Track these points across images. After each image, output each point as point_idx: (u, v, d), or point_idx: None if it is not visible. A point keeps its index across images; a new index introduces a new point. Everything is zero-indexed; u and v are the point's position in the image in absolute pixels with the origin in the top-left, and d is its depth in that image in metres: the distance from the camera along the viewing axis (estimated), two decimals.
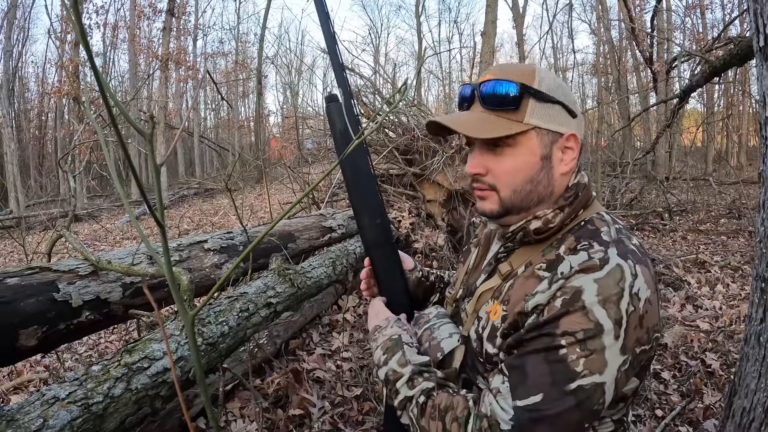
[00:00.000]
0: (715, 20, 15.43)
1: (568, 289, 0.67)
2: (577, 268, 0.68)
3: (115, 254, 1.86)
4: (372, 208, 0.98)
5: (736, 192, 7.69)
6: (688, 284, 3.53)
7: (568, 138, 0.78)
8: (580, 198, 0.79)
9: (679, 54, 8.16)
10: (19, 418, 1.00)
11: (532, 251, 0.79)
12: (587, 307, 0.65)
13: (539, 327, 0.68)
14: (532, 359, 0.67)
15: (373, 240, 1.00)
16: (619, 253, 0.69)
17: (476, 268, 0.92)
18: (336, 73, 0.96)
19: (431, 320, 0.92)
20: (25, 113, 19.07)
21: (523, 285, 0.75)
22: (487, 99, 0.77)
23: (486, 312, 0.80)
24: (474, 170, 0.80)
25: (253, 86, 20.85)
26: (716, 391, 2.10)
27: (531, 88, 0.75)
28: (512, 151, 0.76)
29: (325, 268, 2.50)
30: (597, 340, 0.64)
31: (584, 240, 0.73)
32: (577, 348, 0.65)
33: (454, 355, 0.84)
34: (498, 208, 0.79)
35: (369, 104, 4.88)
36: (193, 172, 19.56)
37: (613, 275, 0.67)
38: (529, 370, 0.67)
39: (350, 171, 0.98)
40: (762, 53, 1.15)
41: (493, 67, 0.81)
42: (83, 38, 0.34)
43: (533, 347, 0.68)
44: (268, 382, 2.06)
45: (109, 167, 0.46)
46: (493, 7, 7.89)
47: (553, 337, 0.66)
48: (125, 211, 10.02)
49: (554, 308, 0.67)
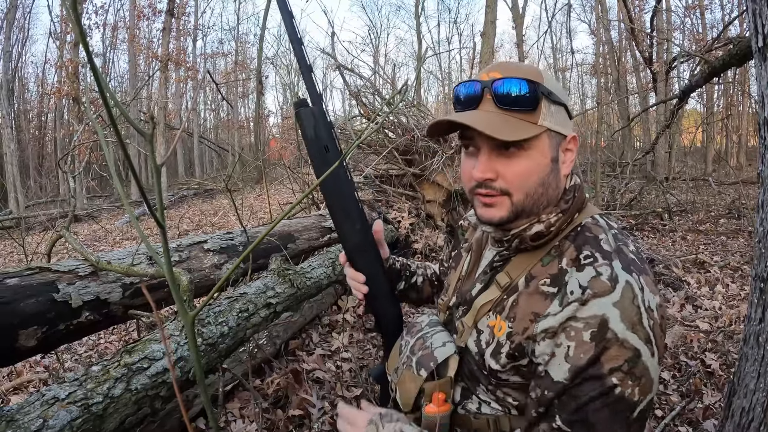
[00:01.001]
0: (714, 20, 15.47)
1: (591, 320, 0.66)
2: (591, 292, 0.67)
3: (115, 255, 1.86)
4: (352, 214, 0.95)
5: (735, 192, 7.70)
6: (687, 284, 3.53)
7: (571, 140, 0.78)
8: (576, 200, 0.78)
9: (679, 54, 8.17)
10: (19, 418, 1.00)
11: (529, 259, 0.78)
12: (620, 337, 0.65)
13: (582, 371, 0.66)
14: (593, 408, 0.66)
15: (354, 246, 0.97)
16: (623, 267, 0.69)
17: (469, 276, 0.91)
18: (304, 76, 0.90)
19: (423, 329, 0.90)
20: (24, 114, 19.08)
21: (529, 302, 0.74)
22: (503, 98, 0.73)
23: (488, 326, 0.79)
24: (485, 175, 0.74)
25: (252, 87, 20.85)
26: (716, 391, 2.10)
27: (545, 89, 0.74)
28: (525, 154, 0.73)
29: (324, 269, 2.50)
30: (640, 363, 0.66)
31: (585, 250, 0.73)
32: (628, 380, 0.65)
33: (449, 363, 0.82)
34: (508, 214, 0.76)
35: (369, 104, 4.89)
36: (193, 173, 19.57)
37: (627, 295, 0.67)
38: (594, 420, 0.66)
39: (330, 179, 0.93)
40: (761, 54, 1.15)
41: (494, 65, 0.77)
42: (82, 38, 0.34)
43: (588, 396, 0.66)
44: (267, 383, 2.06)
45: (109, 167, 0.46)
46: (492, 8, 7.90)
47: (602, 379, 0.66)
48: (125, 211, 10.03)
49: (585, 344, 0.66)
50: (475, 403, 0.82)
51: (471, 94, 0.76)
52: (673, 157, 10.67)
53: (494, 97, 0.73)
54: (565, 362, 0.67)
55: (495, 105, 0.73)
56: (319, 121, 0.90)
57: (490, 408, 0.80)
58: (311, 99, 0.91)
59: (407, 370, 0.85)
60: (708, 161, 13.73)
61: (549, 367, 0.70)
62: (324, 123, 0.90)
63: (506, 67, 0.75)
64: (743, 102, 15.85)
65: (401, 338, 0.95)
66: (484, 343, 0.78)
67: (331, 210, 0.97)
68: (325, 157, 0.90)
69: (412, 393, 0.82)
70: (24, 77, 19.50)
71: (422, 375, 0.81)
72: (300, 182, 5.24)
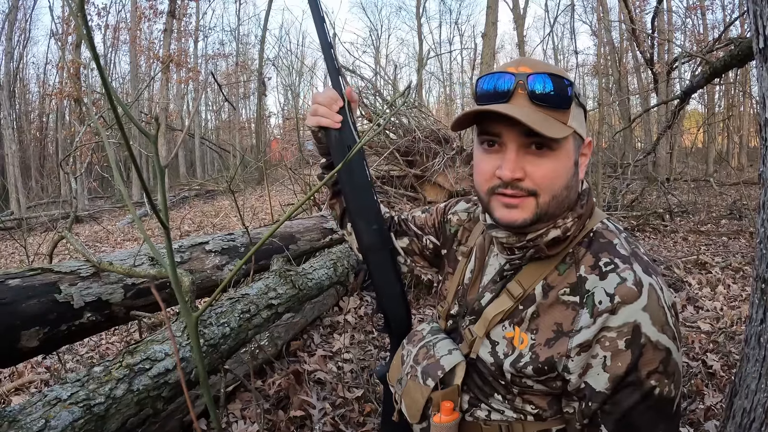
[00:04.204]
0: (715, 21, 15.48)
1: (624, 328, 0.66)
2: (619, 299, 0.67)
3: (117, 255, 1.86)
4: (367, 213, 0.97)
5: (737, 193, 7.68)
6: (689, 285, 3.53)
7: (587, 144, 0.77)
8: (588, 205, 0.77)
9: (680, 55, 8.16)
10: (21, 419, 1.00)
11: (542, 268, 0.76)
12: (653, 340, 0.66)
13: (622, 380, 0.67)
14: (637, 412, 0.68)
15: (368, 245, 0.99)
16: (644, 270, 0.70)
17: (474, 285, 0.88)
18: (331, 77, 0.94)
19: (426, 336, 0.88)
20: (26, 115, 19.12)
21: (550, 313, 0.73)
22: (540, 95, 0.68)
23: (504, 337, 0.77)
24: (515, 174, 0.69)
25: (254, 88, 20.88)
26: (717, 392, 2.09)
27: (577, 89, 0.71)
28: (554, 154, 0.70)
29: (326, 270, 2.50)
30: (672, 361, 0.67)
31: (604, 257, 0.72)
32: (665, 379, 0.67)
33: (455, 372, 0.80)
34: (532, 216, 0.71)
35: (370, 106, 4.89)
36: (195, 174, 19.58)
37: (653, 297, 0.68)
38: (640, 423, 0.68)
39: (345, 175, 0.96)
40: (762, 55, 1.15)
41: (518, 59, 0.74)
42: (89, 40, 0.34)
43: (630, 402, 0.67)
44: (269, 384, 2.06)
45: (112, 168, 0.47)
46: (493, 9, 7.91)
47: (642, 384, 0.67)
48: (126, 212, 10.04)
49: (621, 352, 0.66)
50: (484, 411, 0.81)
51: (503, 88, 0.70)
52: (674, 157, 10.67)
53: (530, 92, 0.69)
54: (603, 372, 0.68)
55: (529, 100, 0.69)
56: (345, 122, 0.93)
57: (503, 415, 0.80)
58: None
59: (412, 381, 0.83)
60: (709, 162, 13.71)
61: (588, 378, 0.70)
62: (348, 124, 0.94)
63: (534, 63, 0.72)
64: (744, 103, 15.82)
65: (402, 348, 0.93)
66: (502, 354, 0.77)
67: (348, 208, 0.99)
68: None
69: (419, 404, 0.81)
70: (25, 78, 19.56)
71: (429, 385, 0.80)
72: (301, 183, 5.24)
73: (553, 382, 0.74)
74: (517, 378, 0.75)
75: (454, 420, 0.79)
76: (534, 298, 0.75)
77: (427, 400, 0.80)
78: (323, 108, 0.93)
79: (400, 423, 0.89)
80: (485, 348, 0.80)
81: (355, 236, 1.01)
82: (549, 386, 0.74)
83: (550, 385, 0.74)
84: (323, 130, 0.96)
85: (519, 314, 0.76)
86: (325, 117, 0.93)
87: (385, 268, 1.00)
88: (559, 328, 0.71)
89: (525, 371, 0.74)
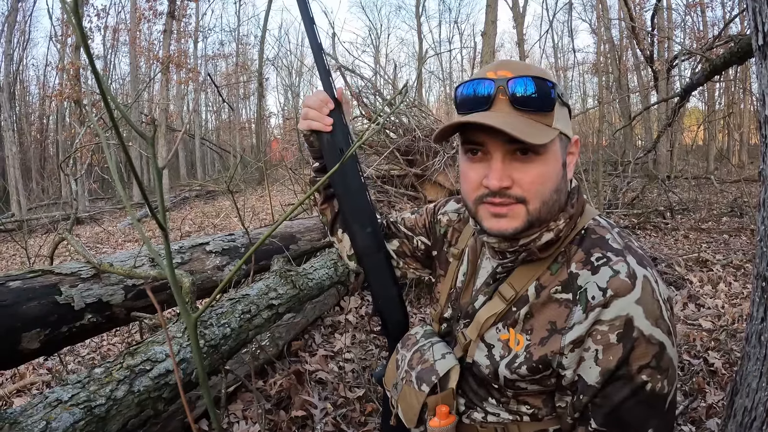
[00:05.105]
0: (715, 18, 15.41)
1: (616, 321, 0.65)
2: (611, 292, 0.66)
3: (117, 257, 1.87)
4: (361, 216, 0.96)
5: (737, 190, 7.68)
6: (690, 283, 3.52)
7: (574, 143, 0.76)
8: (578, 203, 0.76)
9: (680, 52, 8.15)
10: (22, 420, 1.00)
11: (534, 269, 0.75)
12: (646, 334, 0.65)
13: (612, 373, 0.66)
14: (626, 407, 0.67)
15: (363, 248, 0.98)
16: (637, 262, 0.69)
17: (467, 288, 0.87)
18: (322, 79, 0.92)
19: (419, 341, 0.88)
20: (26, 117, 19.13)
21: (543, 312, 0.72)
22: (521, 99, 0.67)
23: (499, 340, 0.77)
24: (503, 183, 0.68)
25: (254, 88, 20.89)
26: (719, 390, 2.09)
27: (560, 90, 0.69)
28: (541, 159, 0.68)
29: (326, 270, 2.50)
30: (665, 356, 0.66)
31: (595, 252, 0.71)
32: (657, 374, 0.66)
33: (450, 375, 0.80)
34: (522, 224, 0.70)
35: (370, 105, 4.88)
36: (195, 174, 19.60)
37: (647, 290, 0.66)
38: (629, 418, 0.67)
39: (338, 178, 0.95)
40: (761, 52, 1.15)
41: (498, 63, 0.72)
42: (84, 42, 0.34)
43: (620, 397, 0.67)
44: (270, 384, 2.06)
45: (111, 170, 0.47)
46: (493, 7, 7.90)
47: (632, 379, 0.66)
48: (127, 213, 10.04)
49: (613, 346, 0.65)
50: (480, 413, 0.81)
51: (483, 94, 0.69)
52: (674, 155, 10.66)
53: (511, 97, 0.67)
54: (595, 365, 0.67)
55: (511, 106, 0.68)
56: (337, 125, 0.92)
57: (499, 417, 0.79)
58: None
59: (407, 386, 0.83)
60: (710, 159, 13.70)
61: (580, 371, 0.69)
62: (341, 127, 0.92)
63: (514, 65, 0.70)
64: (745, 100, 15.82)
65: (396, 352, 0.93)
66: (498, 356, 0.76)
67: (342, 211, 0.98)
68: (339, 160, 0.93)
69: (415, 409, 0.81)
70: (25, 80, 19.58)
71: (424, 390, 0.79)
72: (302, 183, 5.25)
73: (548, 379, 0.73)
74: (511, 381, 0.75)
75: (450, 423, 0.79)
76: (527, 299, 0.75)
77: (422, 405, 0.80)
78: (313, 111, 0.91)
79: (399, 426, 0.89)
80: (481, 351, 0.79)
81: (350, 239, 1.00)
82: (543, 384, 0.74)
83: (545, 383, 0.74)
84: (315, 133, 0.95)
85: (512, 316, 0.76)
86: (316, 120, 0.92)
87: (380, 270, 0.99)
88: (553, 326, 0.71)
89: (519, 371, 0.73)
